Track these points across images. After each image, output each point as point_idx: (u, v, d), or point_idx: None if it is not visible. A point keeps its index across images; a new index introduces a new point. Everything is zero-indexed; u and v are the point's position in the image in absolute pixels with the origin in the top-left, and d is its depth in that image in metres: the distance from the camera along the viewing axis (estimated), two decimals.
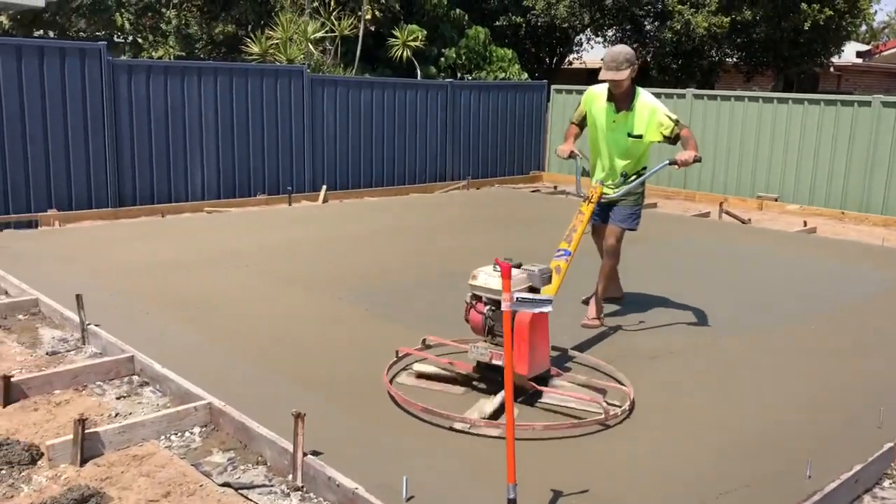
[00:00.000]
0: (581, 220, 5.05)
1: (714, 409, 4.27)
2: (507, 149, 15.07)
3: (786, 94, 13.06)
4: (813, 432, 4.02)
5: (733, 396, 4.45)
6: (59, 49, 9.44)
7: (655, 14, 21.39)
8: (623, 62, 5.22)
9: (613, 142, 5.55)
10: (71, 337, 5.33)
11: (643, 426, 4.01)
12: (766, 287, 7.02)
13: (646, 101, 5.45)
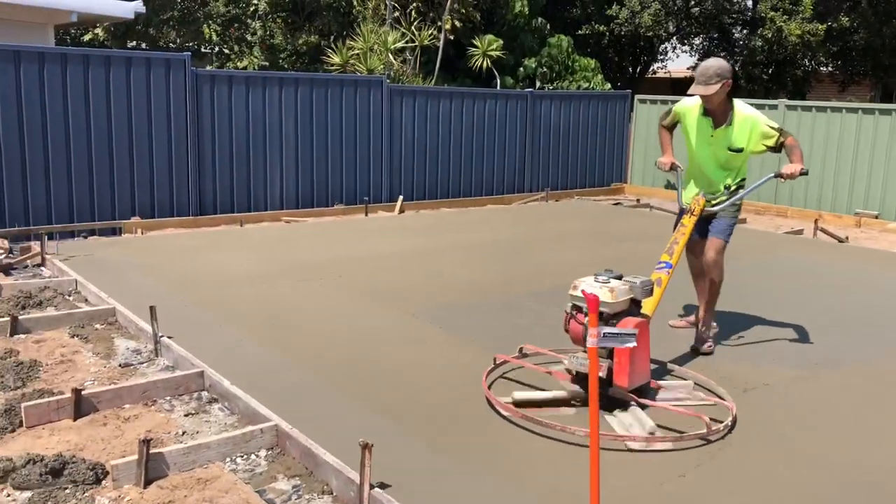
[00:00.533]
0: (683, 232, 4.99)
1: (814, 450, 3.89)
2: (588, 160, 14.71)
3: (888, 105, 12.30)
4: None
5: (835, 436, 4.06)
6: (145, 59, 9.62)
7: (745, 22, 20.67)
8: (713, 76, 4.95)
9: (712, 156, 5.31)
10: (144, 349, 5.31)
11: (734, 469, 3.67)
12: (869, 313, 6.50)
13: (745, 113, 5.18)
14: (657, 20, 19.75)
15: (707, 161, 5.35)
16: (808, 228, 10.80)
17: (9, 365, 4.84)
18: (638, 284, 4.27)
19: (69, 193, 9.15)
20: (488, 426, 4.09)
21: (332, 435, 3.86)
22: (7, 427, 4.03)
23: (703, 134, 5.28)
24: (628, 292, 4.24)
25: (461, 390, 4.55)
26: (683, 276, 6.80)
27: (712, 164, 5.33)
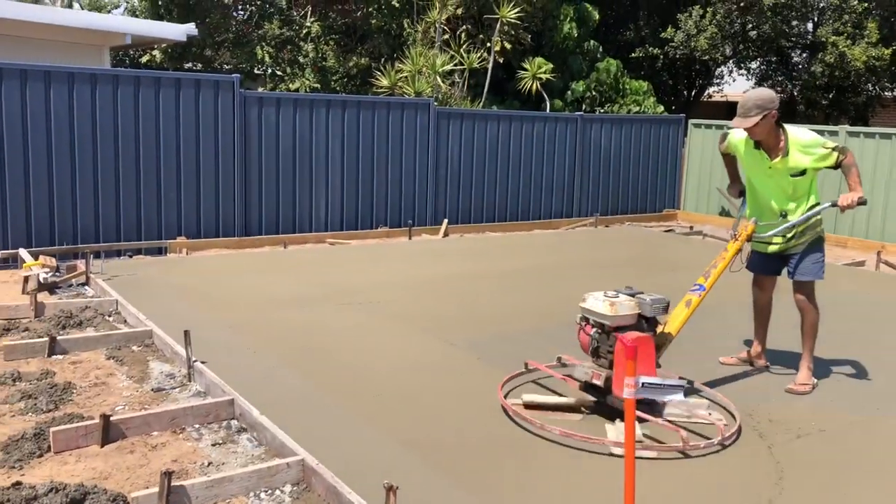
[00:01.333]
0: (723, 256, 4.94)
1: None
2: (640, 185, 14.41)
3: None
4: None
5: (893, 490, 3.75)
6: (194, 81, 9.73)
7: (804, 45, 20.15)
8: (752, 108, 4.80)
9: (777, 187, 5.06)
10: (178, 373, 5.25)
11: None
12: None
13: (799, 138, 4.95)
14: (713, 43, 19.38)
15: (772, 193, 5.08)
16: (871, 260, 10.34)
17: (43, 387, 4.82)
18: (647, 301, 4.38)
19: (117, 212, 9.26)
20: (522, 466, 3.89)
21: (360, 471, 3.71)
22: (35, 452, 3.98)
23: (761, 167, 5.06)
24: (633, 308, 4.37)
25: (495, 427, 4.37)
26: (739, 310, 6.52)
27: (780, 195, 5.07)
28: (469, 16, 16.60)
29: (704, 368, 5.45)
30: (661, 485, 3.72)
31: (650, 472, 3.81)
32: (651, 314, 4.42)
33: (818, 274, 5.08)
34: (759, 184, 5.15)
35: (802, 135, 4.98)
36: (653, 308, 4.40)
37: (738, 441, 4.25)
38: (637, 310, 4.39)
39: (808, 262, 5.07)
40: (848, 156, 4.89)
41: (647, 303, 4.39)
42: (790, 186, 5.00)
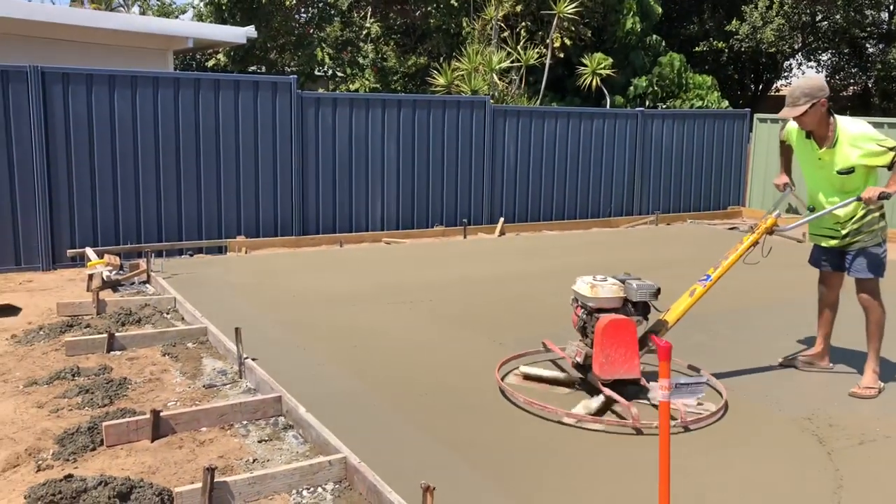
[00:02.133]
0: (736, 248, 4.97)
1: None
2: (703, 181, 14.06)
3: None
4: None
5: None
6: (253, 83, 9.89)
7: (880, 35, 19.35)
8: (799, 97, 4.71)
9: (825, 180, 4.91)
10: (230, 370, 5.32)
11: None
12: None
13: (849, 131, 4.75)
14: (781, 35, 18.79)
15: (821, 186, 4.95)
16: None
17: (100, 382, 4.95)
18: (634, 286, 4.62)
19: (178, 212, 9.48)
20: (562, 469, 3.81)
21: (402, 471, 3.69)
22: (89, 445, 4.09)
23: (811, 157, 4.94)
24: (616, 292, 4.64)
25: (539, 430, 4.30)
26: (801, 309, 6.31)
27: (828, 189, 4.91)
28: (527, 12, 16.47)
29: (762, 369, 5.27)
30: (710, 494, 3.59)
31: (697, 476, 3.69)
32: (638, 299, 4.63)
33: (875, 271, 4.87)
34: (809, 175, 5.03)
35: (853, 127, 4.78)
36: (639, 293, 4.61)
37: (798, 446, 4.08)
38: (621, 294, 4.64)
39: (863, 258, 4.89)
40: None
41: (634, 288, 4.61)
42: (839, 182, 4.83)
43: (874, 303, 4.89)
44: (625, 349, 4.57)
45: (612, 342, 4.53)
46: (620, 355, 4.56)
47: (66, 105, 8.73)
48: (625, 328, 4.55)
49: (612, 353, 4.54)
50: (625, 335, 4.55)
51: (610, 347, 4.54)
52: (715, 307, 6.99)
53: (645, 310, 4.75)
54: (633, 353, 4.55)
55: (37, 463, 3.90)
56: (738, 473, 3.78)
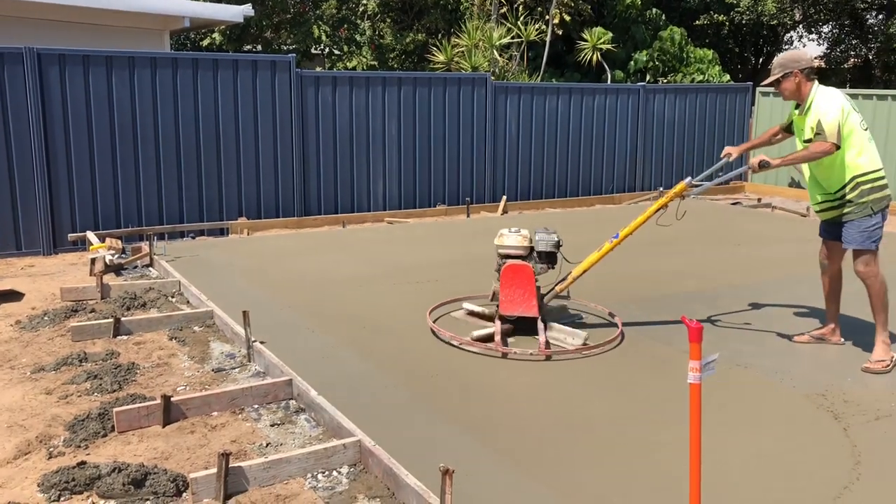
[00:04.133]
0: (645, 211, 5.37)
1: None
2: (705, 157, 13.97)
3: None
4: None
5: None
6: (251, 62, 9.77)
7: (881, 6, 19.18)
8: (776, 67, 4.97)
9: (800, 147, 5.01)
10: (238, 353, 5.28)
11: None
12: None
13: (816, 104, 4.85)
14: (782, 7, 18.63)
15: None
16: None
17: (108, 367, 4.91)
18: (537, 238, 5.40)
19: (179, 194, 9.40)
20: (578, 447, 3.79)
21: (417, 453, 3.67)
22: (100, 431, 4.05)
23: (795, 123, 5.11)
24: (521, 241, 5.36)
25: (551, 408, 4.27)
26: (811, 287, 6.28)
27: None
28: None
29: (774, 345, 5.24)
30: (727, 467, 3.57)
31: (715, 453, 3.66)
32: (541, 248, 5.40)
33: (864, 243, 4.87)
34: (797, 144, 5.09)
35: (821, 101, 4.85)
36: (541, 244, 5.40)
37: (813, 422, 4.06)
38: (526, 243, 5.36)
39: (854, 230, 4.89)
40: (818, 142, 4.73)
41: (537, 239, 5.41)
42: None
43: (870, 275, 4.88)
44: (522, 290, 5.27)
45: (509, 284, 5.27)
46: (518, 296, 5.28)
47: (63, 87, 8.62)
48: (521, 272, 5.25)
49: (510, 293, 5.28)
50: (522, 278, 5.25)
51: (508, 288, 5.28)
52: (724, 281, 6.96)
53: (549, 259, 5.44)
54: (529, 294, 5.25)
55: (48, 450, 3.86)
56: (758, 450, 3.75)
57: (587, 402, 4.38)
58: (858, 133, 4.81)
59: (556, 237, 5.45)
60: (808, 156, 4.80)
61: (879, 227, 4.89)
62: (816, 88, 4.92)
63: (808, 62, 4.96)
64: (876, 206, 4.86)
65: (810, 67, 4.96)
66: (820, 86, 4.97)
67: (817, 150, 4.75)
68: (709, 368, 2.49)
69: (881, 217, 4.89)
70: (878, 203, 4.86)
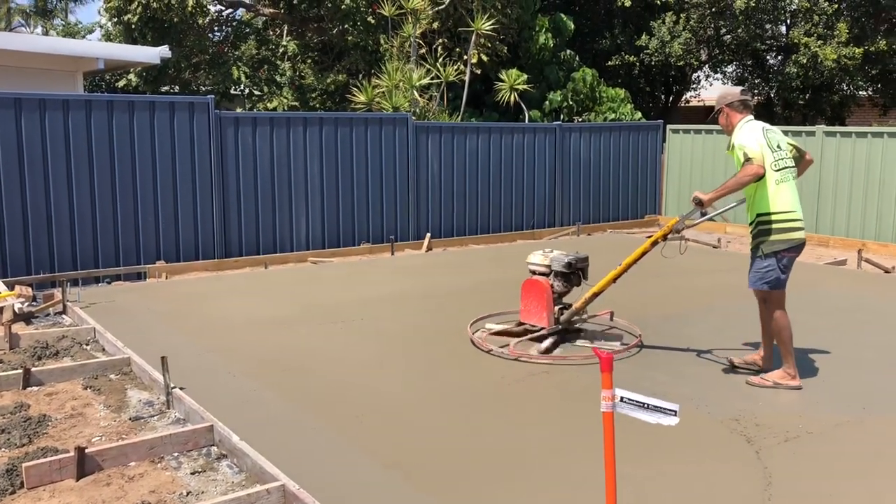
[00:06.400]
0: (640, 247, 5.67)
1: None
2: (621, 192, 14.43)
3: None
4: None
5: (880, 491, 3.71)
6: (169, 104, 9.65)
7: (779, 48, 20.30)
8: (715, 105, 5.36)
9: None
10: (157, 400, 5.15)
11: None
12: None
13: (735, 137, 5.13)
14: (688, 49, 19.50)
15: None
16: (852, 258, 10.36)
17: (17, 420, 4.72)
18: (552, 258, 6.04)
19: (94, 238, 9.14)
20: (504, 485, 3.83)
21: (342, 495, 3.65)
22: (7, 489, 3.88)
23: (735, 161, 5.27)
24: (542, 260, 6.11)
25: (478, 444, 4.30)
26: (728, 317, 6.51)
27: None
28: (445, 29, 16.62)
29: (690, 374, 5.42)
30: (645, 494, 3.66)
31: (632, 480, 3.75)
32: (556, 268, 6.00)
33: (756, 283, 5.09)
34: None
35: (739, 134, 5.12)
36: (555, 263, 6.01)
37: (727, 447, 4.22)
38: (546, 262, 6.06)
39: (753, 269, 5.14)
40: (745, 166, 4.92)
41: (552, 258, 6.03)
42: None
43: (767, 312, 5.12)
44: (536, 303, 5.93)
45: (527, 296, 6.02)
46: (534, 307, 5.98)
47: None
48: (536, 286, 5.95)
49: (527, 304, 6.03)
50: (537, 293, 5.94)
51: (526, 300, 6.03)
52: (643, 312, 7.16)
53: (565, 278, 6.00)
54: (541, 307, 5.91)
55: None
56: (673, 477, 3.86)
57: (518, 434, 4.42)
58: (769, 173, 4.95)
59: (569, 258, 5.98)
60: (738, 182, 4.92)
61: (773, 270, 5.00)
62: (742, 123, 5.12)
63: (735, 97, 5.19)
64: (767, 248, 5.01)
65: (739, 101, 5.18)
66: (749, 121, 5.15)
67: (745, 175, 4.89)
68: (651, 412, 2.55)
69: (774, 261, 4.99)
70: (769, 245, 5.00)
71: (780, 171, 5.01)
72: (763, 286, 5.07)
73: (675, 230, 5.46)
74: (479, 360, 5.82)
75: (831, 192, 12.28)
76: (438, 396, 5.08)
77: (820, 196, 12.40)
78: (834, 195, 12.29)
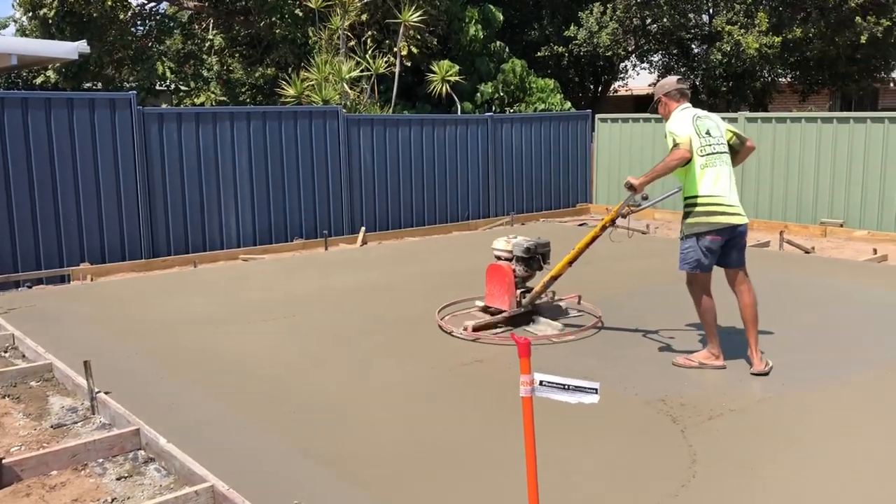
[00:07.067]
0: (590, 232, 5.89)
1: (775, 481, 3.68)
2: (553, 181, 14.59)
3: (846, 114, 12.34)
4: None
5: (808, 467, 3.85)
6: (88, 101, 9.35)
7: (703, 37, 20.79)
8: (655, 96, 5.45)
9: None
10: (81, 406, 5.00)
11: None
12: (837, 328, 6.35)
13: (668, 123, 5.25)
14: (615, 39, 19.81)
15: None
16: (775, 240, 10.71)
17: None
18: (514, 243, 6.31)
19: (12, 241, 8.81)
20: (434, 474, 3.84)
21: (274, 493, 3.61)
22: None
23: None
24: (505, 245, 6.36)
25: (413, 439, 4.31)
26: (658, 301, 6.63)
27: None
28: (373, 21, 16.52)
29: (619, 358, 5.52)
30: (572, 475, 3.72)
31: (561, 463, 3.81)
32: (517, 253, 6.23)
33: (681, 264, 5.22)
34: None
35: (672, 121, 5.21)
36: (515, 249, 6.24)
37: (653, 426, 4.31)
38: (509, 247, 6.30)
39: (680, 251, 5.25)
40: (671, 153, 5.07)
41: (514, 244, 6.30)
42: None
43: (692, 293, 5.24)
44: (499, 287, 6.20)
45: (490, 280, 6.27)
46: (497, 291, 6.23)
47: None
48: (499, 271, 6.22)
49: (491, 288, 6.28)
50: (499, 277, 6.20)
51: (489, 283, 6.29)
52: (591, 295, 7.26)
53: (526, 263, 6.25)
54: (504, 291, 6.15)
55: None
56: (601, 458, 3.94)
57: (453, 423, 4.44)
58: (695, 158, 5.04)
59: (528, 244, 6.23)
60: (665, 166, 5.05)
61: (693, 251, 5.11)
62: (677, 111, 5.22)
63: (671, 86, 5.31)
64: (687, 229, 5.15)
65: (675, 90, 5.29)
66: (684, 109, 5.23)
67: (672, 159, 5.02)
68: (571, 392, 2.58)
69: (695, 241, 5.09)
70: (689, 227, 5.13)
71: (706, 157, 5.09)
72: (685, 266, 5.19)
73: (622, 215, 5.59)
74: (415, 351, 5.82)
75: (754, 176, 12.66)
76: (374, 390, 5.06)
77: (743, 180, 12.76)
78: (757, 179, 12.68)
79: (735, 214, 5.13)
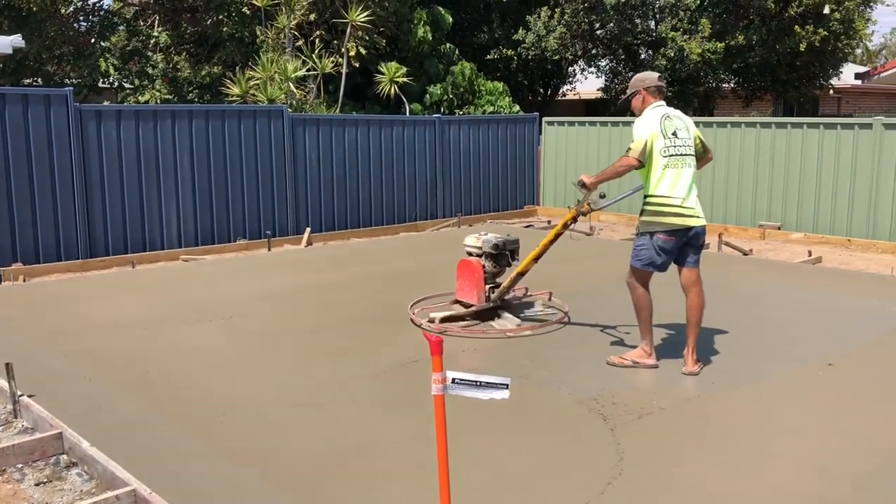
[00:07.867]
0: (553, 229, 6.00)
1: (700, 478, 3.75)
2: (500, 183, 14.67)
3: (784, 119, 12.66)
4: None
5: (731, 463, 3.93)
6: (21, 96, 9.10)
7: (649, 42, 21.11)
8: (630, 87, 5.40)
9: None
10: (3, 410, 4.85)
11: (623, 501, 3.50)
12: (769, 328, 6.49)
13: (636, 120, 5.26)
14: (563, 43, 20.00)
15: None
16: (714, 242, 10.91)
17: None
18: (483, 240, 6.47)
19: None
20: (358, 476, 3.82)
21: (197, 497, 3.55)
22: None
23: None
24: (476, 242, 6.51)
25: (346, 441, 4.27)
26: (586, 303, 6.71)
27: None
28: (321, 21, 16.41)
29: (552, 358, 5.56)
30: (503, 476, 3.73)
31: (492, 464, 3.82)
32: (486, 249, 6.42)
33: (632, 260, 5.28)
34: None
35: (639, 121, 5.21)
36: (485, 245, 6.43)
37: (583, 425, 4.35)
38: (479, 244, 6.47)
39: (633, 247, 5.32)
40: (620, 159, 5.19)
41: (483, 241, 6.45)
42: None
43: (630, 287, 5.31)
44: (469, 282, 6.38)
45: (461, 276, 6.45)
46: (467, 286, 6.41)
47: None
48: (468, 267, 6.39)
49: (461, 283, 6.46)
50: (468, 272, 6.37)
51: (460, 279, 6.46)
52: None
53: (495, 259, 6.41)
54: (473, 286, 6.34)
55: None
56: (532, 458, 3.96)
57: (374, 425, 4.41)
58: (657, 158, 5.05)
59: (497, 241, 6.39)
60: (614, 170, 5.15)
61: (646, 249, 5.16)
62: (649, 108, 5.20)
63: (652, 81, 5.26)
64: (642, 227, 5.21)
65: (655, 86, 5.25)
66: (656, 108, 5.22)
67: (620, 165, 5.12)
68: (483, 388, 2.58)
69: (648, 239, 5.15)
70: (643, 225, 5.19)
71: (668, 158, 5.08)
72: (636, 263, 5.22)
73: (581, 213, 5.66)
74: (351, 352, 5.78)
75: (697, 180, 12.87)
76: (307, 393, 5.01)
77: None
78: (698, 182, 12.88)
79: (691, 216, 5.16)
